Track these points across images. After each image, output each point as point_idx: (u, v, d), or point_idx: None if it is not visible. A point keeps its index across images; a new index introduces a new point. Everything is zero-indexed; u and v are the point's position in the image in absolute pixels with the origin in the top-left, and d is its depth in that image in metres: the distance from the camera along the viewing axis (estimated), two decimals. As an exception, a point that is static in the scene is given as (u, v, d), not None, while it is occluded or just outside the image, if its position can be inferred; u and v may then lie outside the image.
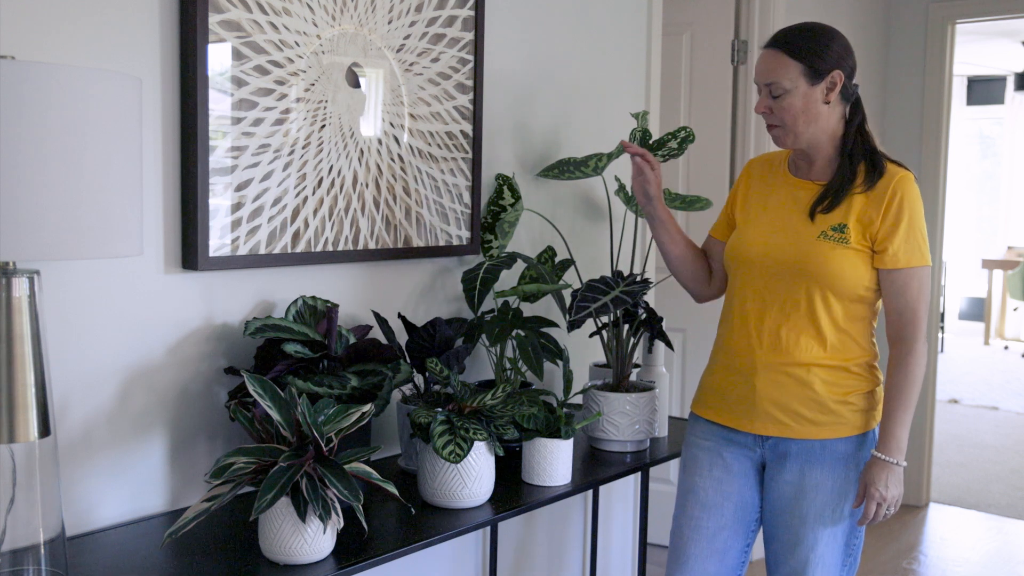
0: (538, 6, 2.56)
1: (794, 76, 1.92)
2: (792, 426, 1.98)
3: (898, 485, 1.92)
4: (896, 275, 1.93)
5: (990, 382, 7.78)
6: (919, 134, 4.57)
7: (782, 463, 2.00)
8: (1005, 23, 6.46)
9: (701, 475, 2.08)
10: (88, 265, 1.70)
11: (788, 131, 1.97)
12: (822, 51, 1.92)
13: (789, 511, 1.99)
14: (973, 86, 10.07)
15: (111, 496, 1.77)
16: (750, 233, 2.05)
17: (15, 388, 1.38)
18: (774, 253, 1.99)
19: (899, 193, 1.92)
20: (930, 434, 4.68)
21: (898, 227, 1.91)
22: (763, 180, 2.11)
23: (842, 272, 1.93)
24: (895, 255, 1.92)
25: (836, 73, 1.93)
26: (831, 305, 1.95)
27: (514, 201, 2.38)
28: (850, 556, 2.01)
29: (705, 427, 2.11)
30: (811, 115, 1.94)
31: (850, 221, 1.93)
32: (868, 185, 1.94)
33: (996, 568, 3.95)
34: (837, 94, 1.94)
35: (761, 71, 1.97)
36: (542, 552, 2.69)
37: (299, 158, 1.97)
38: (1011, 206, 10.20)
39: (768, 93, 1.96)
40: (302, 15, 1.95)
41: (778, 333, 1.98)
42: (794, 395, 1.97)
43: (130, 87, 1.40)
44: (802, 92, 1.93)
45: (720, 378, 2.08)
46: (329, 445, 1.60)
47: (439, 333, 2.04)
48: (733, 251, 2.07)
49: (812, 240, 1.95)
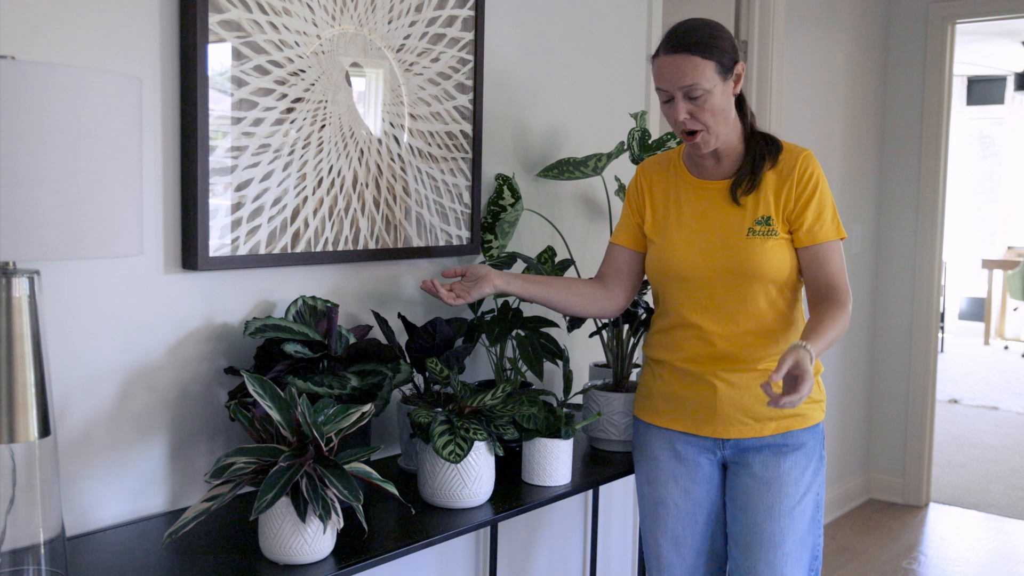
0: (538, 6, 2.56)
1: (710, 75, 1.89)
2: (753, 425, 1.99)
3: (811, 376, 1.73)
4: (816, 249, 1.95)
5: (990, 382, 7.78)
6: (919, 134, 4.57)
7: (744, 460, 2.01)
8: (1005, 23, 6.46)
9: (667, 487, 2.07)
10: (88, 265, 1.70)
11: (712, 133, 1.93)
12: (723, 45, 1.91)
13: (754, 507, 2.00)
14: (973, 86, 10.07)
15: (111, 496, 1.77)
16: (675, 247, 2.01)
17: (15, 388, 1.38)
18: (709, 262, 1.97)
19: (808, 169, 1.95)
20: (930, 434, 4.68)
21: (810, 203, 1.94)
22: (664, 186, 2.08)
23: (780, 264, 1.94)
24: (811, 231, 1.95)
25: (739, 65, 1.93)
26: (773, 297, 1.97)
27: (514, 201, 2.38)
28: (815, 559, 2.04)
29: (659, 434, 2.09)
30: (728, 112, 1.94)
31: (771, 211, 1.94)
32: (772, 161, 1.97)
33: (996, 568, 3.96)
34: (741, 84, 1.95)
35: (674, 76, 1.89)
36: (542, 552, 2.69)
37: (299, 158, 1.97)
38: (1011, 206, 10.20)
39: (683, 97, 1.90)
40: (302, 15, 1.95)
41: (730, 338, 1.97)
42: (756, 396, 1.97)
43: (130, 87, 1.40)
44: (720, 90, 1.90)
45: (672, 385, 2.06)
46: (329, 445, 1.60)
47: (439, 333, 2.05)
48: (662, 268, 2.03)
49: (743, 240, 1.95)
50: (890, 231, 4.66)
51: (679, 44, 1.90)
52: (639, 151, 2.45)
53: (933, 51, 4.51)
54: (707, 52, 1.88)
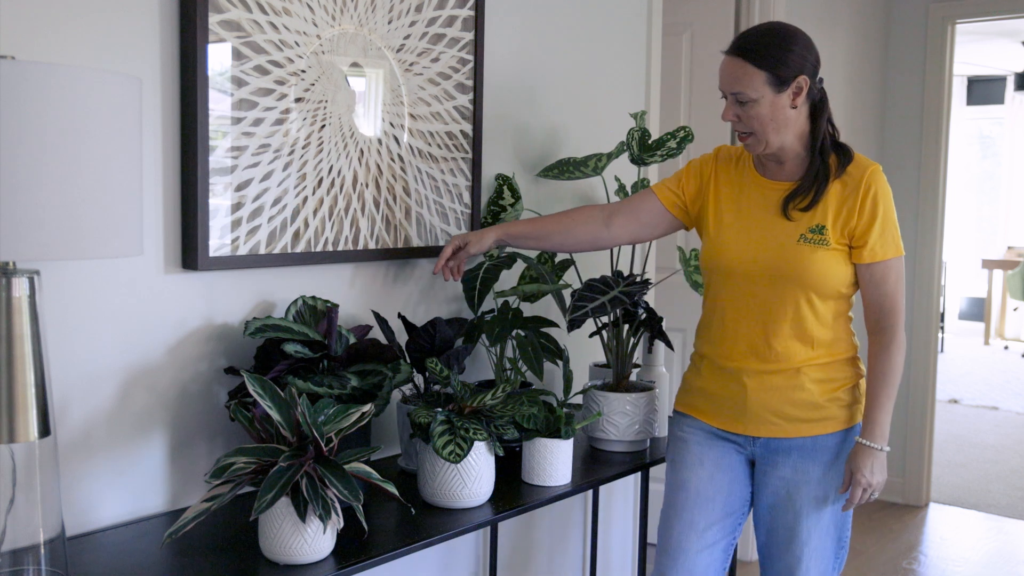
0: (538, 6, 2.56)
1: (759, 85, 1.89)
2: (784, 426, 2.00)
3: (883, 471, 1.95)
4: (875, 268, 1.95)
5: (990, 382, 7.78)
6: (919, 134, 4.57)
7: (773, 460, 2.02)
8: (1005, 23, 6.46)
9: (691, 470, 2.08)
10: (88, 265, 1.70)
11: (759, 139, 1.94)
12: (785, 57, 1.88)
13: (783, 507, 2.01)
14: (973, 86, 10.07)
15: (111, 496, 1.77)
16: (727, 240, 2.02)
17: (15, 388, 1.38)
18: (755, 261, 1.97)
19: (873, 187, 1.93)
20: (930, 434, 4.68)
21: (874, 222, 1.93)
22: (730, 177, 2.07)
23: (825, 274, 1.94)
24: (872, 249, 1.94)
25: (801, 78, 1.90)
26: (815, 306, 1.96)
27: (514, 201, 2.38)
28: (841, 548, 2.05)
29: (693, 423, 2.11)
30: (780, 122, 1.92)
31: (827, 221, 1.93)
32: (839, 173, 1.95)
33: (996, 568, 3.95)
34: (804, 97, 1.92)
35: (725, 80, 1.93)
36: (542, 552, 2.69)
37: (299, 158, 1.97)
38: (1011, 206, 10.20)
39: (734, 101, 1.93)
40: (302, 15, 1.95)
41: (766, 339, 1.98)
42: (786, 398, 1.99)
43: (130, 87, 1.40)
44: (769, 101, 1.90)
45: (708, 382, 2.08)
46: (329, 445, 1.60)
47: (439, 333, 2.05)
48: (711, 259, 2.05)
49: (792, 245, 1.94)
50: (890, 231, 4.66)
51: (737, 47, 1.92)
52: (639, 151, 2.45)
53: (933, 51, 4.51)
54: (761, 61, 1.88)
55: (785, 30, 1.93)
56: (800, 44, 1.91)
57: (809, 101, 1.95)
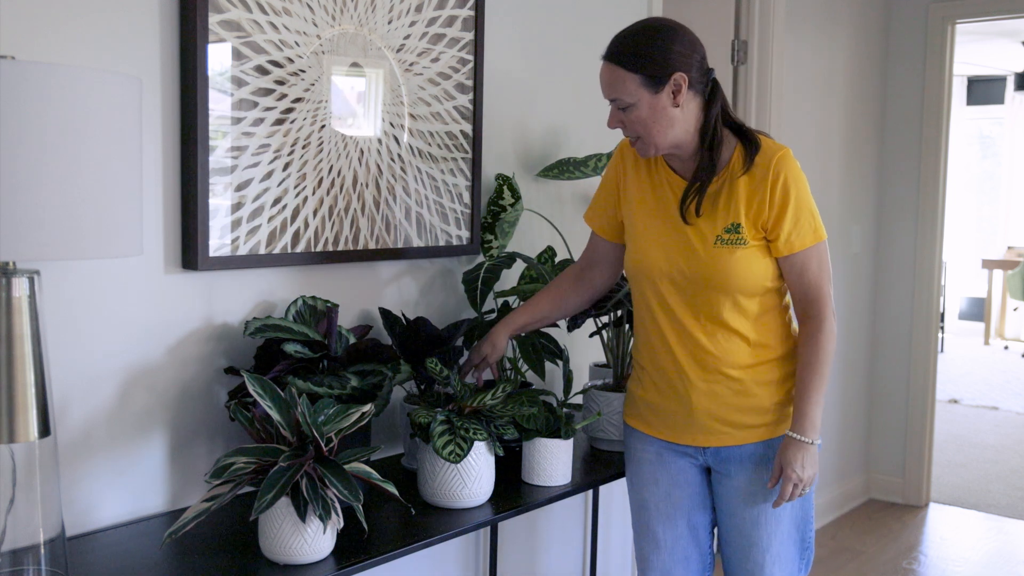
0: (538, 6, 2.56)
1: (633, 89, 1.82)
2: (733, 434, 1.95)
3: (813, 465, 1.88)
4: (794, 259, 1.88)
5: (990, 382, 7.78)
6: (919, 134, 4.57)
7: (727, 469, 1.97)
8: (1005, 23, 6.46)
9: (649, 490, 2.05)
10: (88, 265, 1.70)
11: (647, 143, 1.87)
12: (656, 56, 1.80)
13: (739, 516, 1.97)
14: (973, 86, 10.07)
15: (111, 496, 1.77)
16: (643, 247, 1.96)
17: (15, 388, 1.38)
18: (674, 267, 1.91)
19: (781, 174, 1.84)
20: (930, 434, 4.68)
21: (785, 212, 1.84)
22: (640, 178, 1.99)
23: (748, 275, 1.87)
24: (789, 241, 1.86)
25: (678, 75, 1.81)
26: (743, 306, 1.90)
27: (514, 201, 2.38)
28: (806, 549, 2.01)
29: (643, 439, 2.06)
30: (664, 123, 1.84)
31: (741, 218, 1.86)
32: (747, 164, 1.86)
33: (996, 568, 3.95)
34: (685, 94, 1.83)
35: (603, 86, 1.87)
36: (542, 552, 2.69)
37: (299, 158, 1.97)
38: (1011, 206, 10.20)
39: (616, 107, 1.87)
40: (302, 15, 1.95)
41: (701, 346, 1.92)
42: (731, 405, 1.93)
43: (130, 87, 1.40)
44: (647, 103, 1.82)
45: (651, 393, 2.02)
46: (329, 445, 1.60)
47: (423, 330, 2.01)
48: (631, 267, 1.99)
49: (709, 249, 1.87)
50: (890, 231, 4.66)
51: (608, 52, 1.86)
52: (639, 151, 2.44)
53: (933, 51, 4.51)
54: (632, 64, 1.81)
55: (655, 27, 1.85)
56: (676, 42, 1.82)
57: (699, 95, 1.87)
